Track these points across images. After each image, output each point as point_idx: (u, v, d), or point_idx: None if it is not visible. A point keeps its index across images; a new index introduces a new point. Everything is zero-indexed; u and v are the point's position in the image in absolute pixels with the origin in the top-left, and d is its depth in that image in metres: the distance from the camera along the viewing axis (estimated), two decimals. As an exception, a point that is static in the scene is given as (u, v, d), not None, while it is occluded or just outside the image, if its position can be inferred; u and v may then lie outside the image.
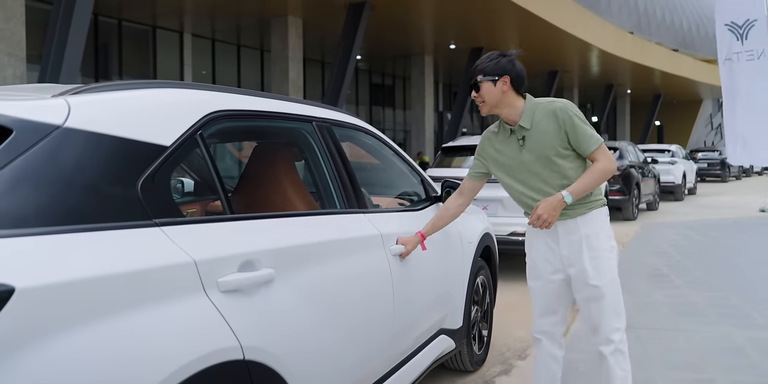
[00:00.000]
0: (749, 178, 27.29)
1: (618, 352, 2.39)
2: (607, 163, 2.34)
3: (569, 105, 2.39)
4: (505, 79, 2.38)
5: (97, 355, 1.22)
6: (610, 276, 2.38)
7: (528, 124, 2.38)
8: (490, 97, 2.40)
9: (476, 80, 2.40)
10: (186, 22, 15.13)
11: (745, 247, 7.85)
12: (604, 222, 2.43)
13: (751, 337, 3.89)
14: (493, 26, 16.40)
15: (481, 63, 2.41)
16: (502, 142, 2.48)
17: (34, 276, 1.15)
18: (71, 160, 1.35)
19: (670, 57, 26.81)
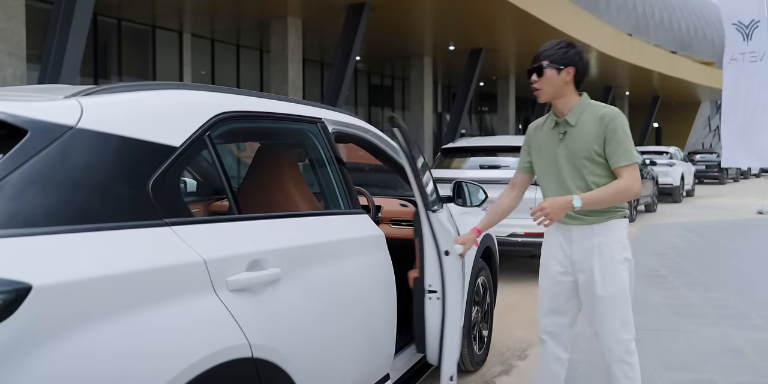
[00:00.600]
0: (747, 180, 27.37)
1: (622, 363, 2.36)
2: (631, 182, 2.28)
3: (620, 115, 2.36)
4: (569, 69, 2.35)
5: (111, 351, 1.24)
6: (618, 287, 2.34)
7: (573, 121, 2.37)
8: (550, 86, 2.37)
9: (541, 65, 2.36)
10: (185, 22, 15.13)
11: (743, 248, 7.89)
12: (621, 233, 2.38)
13: (750, 337, 3.92)
14: (492, 28, 16.42)
15: (549, 49, 2.37)
16: (545, 132, 2.48)
17: (50, 274, 1.18)
18: (84, 161, 1.37)
19: (669, 59, 26.87)
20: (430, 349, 2.47)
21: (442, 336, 2.41)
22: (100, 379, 1.22)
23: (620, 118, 2.34)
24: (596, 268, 2.35)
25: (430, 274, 2.38)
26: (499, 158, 6.78)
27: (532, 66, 2.39)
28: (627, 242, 2.41)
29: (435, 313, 2.41)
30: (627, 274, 2.36)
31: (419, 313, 2.44)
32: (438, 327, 2.42)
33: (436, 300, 2.40)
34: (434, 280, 2.39)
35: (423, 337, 2.46)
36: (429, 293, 2.40)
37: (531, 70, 2.40)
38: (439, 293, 2.39)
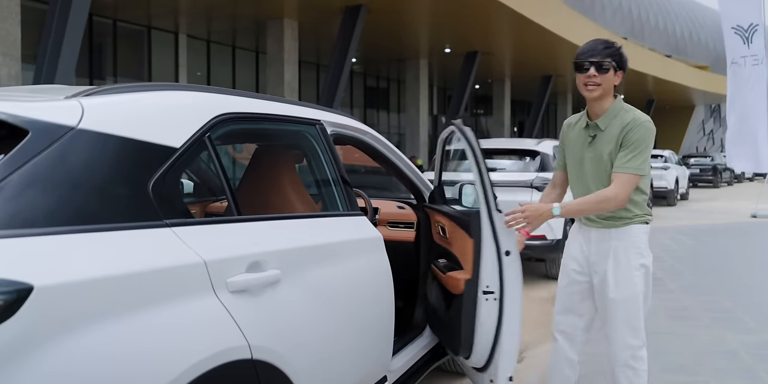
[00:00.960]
0: (741, 183, 27.48)
1: (627, 368, 2.35)
2: (616, 191, 2.25)
3: (645, 123, 2.32)
4: (620, 74, 2.36)
5: (111, 353, 1.24)
6: (630, 292, 2.32)
7: (604, 125, 2.36)
8: (607, 83, 2.33)
9: (604, 62, 2.30)
10: (181, 23, 15.12)
11: (737, 252, 7.93)
12: (639, 239, 2.36)
13: (744, 341, 3.93)
14: (488, 30, 16.47)
15: (612, 49, 2.33)
16: (576, 132, 2.48)
17: (52, 275, 1.17)
18: (85, 161, 1.37)
19: (663, 63, 27.02)
20: (477, 352, 2.40)
21: (497, 337, 2.35)
22: (101, 380, 1.22)
23: (645, 126, 2.30)
24: (610, 271, 2.35)
25: (488, 275, 2.33)
26: (496, 161, 6.79)
27: (592, 60, 2.31)
28: (646, 248, 2.38)
29: (491, 315, 2.34)
30: (641, 280, 2.35)
31: (469, 315, 2.37)
32: (493, 328, 2.35)
33: (493, 301, 2.34)
34: (492, 281, 2.33)
35: (471, 339, 2.39)
36: (485, 294, 2.33)
37: (590, 63, 2.32)
38: (496, 294, 2.33)
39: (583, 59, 2.34)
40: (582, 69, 2.34)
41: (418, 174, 3.04)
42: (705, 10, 40.12)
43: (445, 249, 2.79)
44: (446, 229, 2.71)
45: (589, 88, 2.34)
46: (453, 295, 2.54)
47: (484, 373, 2.47)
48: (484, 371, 2.46)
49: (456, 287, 2.46)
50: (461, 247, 2.53)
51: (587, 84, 2.33)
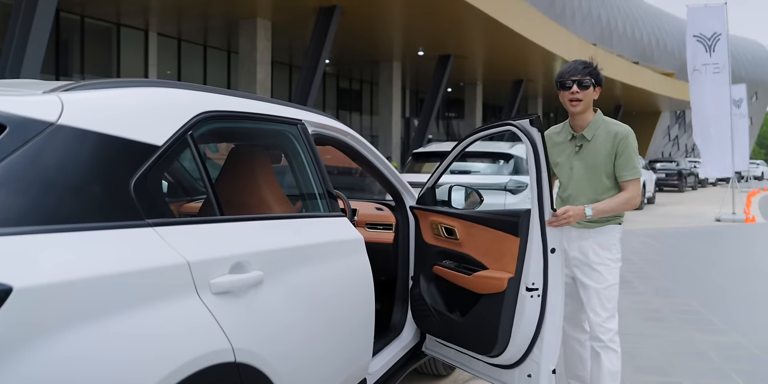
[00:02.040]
0: (704, 188, 28.17)
1: (609, 350, 2.58)
2: (634, 194, 2.59)
3: (631, 133, 2.64)
4: (598, 89, 2.66)
5: (93, 356, 1.19)
6: (609, 281, 2.61)
7: (590, 136, 2.64)
8: (587, 100, 2.63)
9: (586, 80, 2.60)
10: (152, 20, 14.88)
11: (703, 255, 8.11)
12: (614, 237, 2.66)
13: (713, 341, 4.02)
14: (461, 34, 16.59)
15: (591, 69, 2.63)
16: (560, 143, 2.74)
17: (31, 276, 1.12)
18: (65, 158, 1.32)
19: (631, 69, 27.55)
20: (512, 349, 2.42)
21: (537, 332, 2.39)
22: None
23: (632, 136, 2.63)
24: (592, 264, 2.63)
25: (534, 272, 2.35)
26: (469, 163, 6.82)
27: (573, 78, 2.61)
28: (619, 246, 2.69)
29: (533, 311, 2.37)
30: (617, 272, 2.65)
31: (509, 313, 2.39)
32: (533, 324, 2.38)
33: (536, 297, 2.38)
34: (537, 278, 2.36)
35: (508, 337, 2.41)
36: (529, 291, 2.36)
37: (572, 82, 2.61)
38: (539, 291, 2.37)
39: (566, 78, 2.64)
40: (565, 87, 2.64)
41: (397, 176, 3.02)
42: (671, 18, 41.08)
43: (449, 250, 2.77)
44: (457, 230, 2.70)
45: (573, 103, 2.63)
46: (476, 295, 2.55)
47: (515, 369, 2.48)
48: (516, 367, 2.48)
49: (493, 287, 2.46)
50: (489, 246, 2.55)
51: (571, 100, 2.63)
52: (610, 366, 2.56)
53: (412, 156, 7.16)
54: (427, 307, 2.83)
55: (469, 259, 2.65)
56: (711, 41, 12.41)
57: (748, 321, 4.57)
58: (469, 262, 2.65)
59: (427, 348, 3.01)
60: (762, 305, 5.11)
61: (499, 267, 2.48)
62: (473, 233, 2.64)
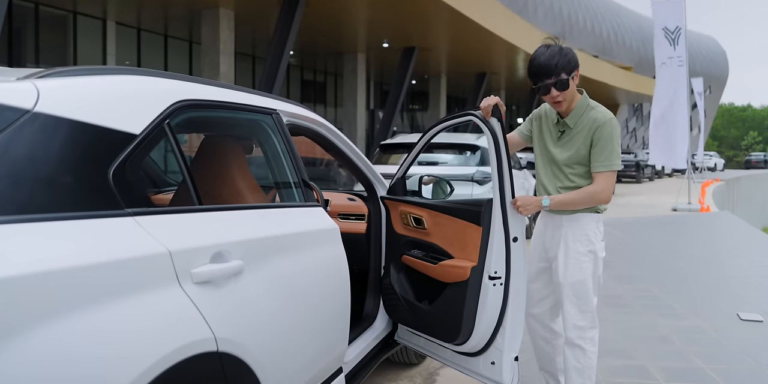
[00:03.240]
0: (661, 179, 28.96)
1: (575, 346, 2.49)
2: (601, 189, 2.37)
3: (611, 121, 2.41)
4: (576, 72, 2.39)
5: (75, 349, 1.18)
6: (578, 277, 2.45)
7: (573, 123, 2.45)
8: (570, 95, 2.41)
9: (563, 79, 2.36)
10: (110, 9, 14.47)
11: (661, 242, 8.36)
12: (589, 227, 2.46)
13: (674, 325, 4.16)
14: (425, 26, 16.61)
15: (556, 60, 2.34)
16: (546, 125, 2.57)
17: (8, 267, 1.10)
18: (41, 147, 1.29)
19: (591, 62, 28.02)
20: (476, 337, 2.44)
21: (501, 321, 2.39)
22: (63, 379, 1.15)
23: (611, 124, 2.39)
24: (561, 257, 2.49)
25: (496, 260, 2.36)
26: (437, 155, 6.87)
27: (551, 80, 2.36)
28: (595, 235, 2.46)
29: (496, 300, 2.38)
30: (589, 265, 2.46)
31: (472, 302, 2.40)
32: (497, 313, 2.39)
33: (499, 286, 2.37)
34: (499, 267, 2.36)
35: (471, 325, 2.42)
36: (492, 280, 2.37)
37: (548, 85, 2.37)
38: (502, 279, 2.37)
39: (541, 83, 2.38)
40: (543, 92, 2.40)
41: (370, 166, 3.04)
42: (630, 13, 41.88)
43: (418, 239, 2.80)
44: (425, 219, 2.72)
45: (557, 105, 2.43)
46: (443, 284, 2.56)
47: (479, 356, 2.51)
48: (480, 355, 2.51)
49: (457, 275, 2.47)
50: (454, 236, 2.55)
51: (554, 102, 2.42)
52: (574, 362, 2.49)
53: (379, 147, 7.17)
54: (397, 297, 2.86)
55: (437, 248, 2.67)
56: (674, 35, 12.73)
57: (706, 305, 4.74)
58: (437, 252, 2.67)
59: (399, 337, 3.04)
60: (718, 290, 5.31)
61: (464, 256, 2.51)
62: (440, 223, 2.66)
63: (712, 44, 53.50)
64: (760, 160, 46.11)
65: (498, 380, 2.46)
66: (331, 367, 2.30)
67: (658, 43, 12.74)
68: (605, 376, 3.21)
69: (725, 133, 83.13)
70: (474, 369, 2.57)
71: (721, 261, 6.99)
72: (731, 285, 5.52)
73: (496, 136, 2.38)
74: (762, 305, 4.70)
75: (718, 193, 18.42)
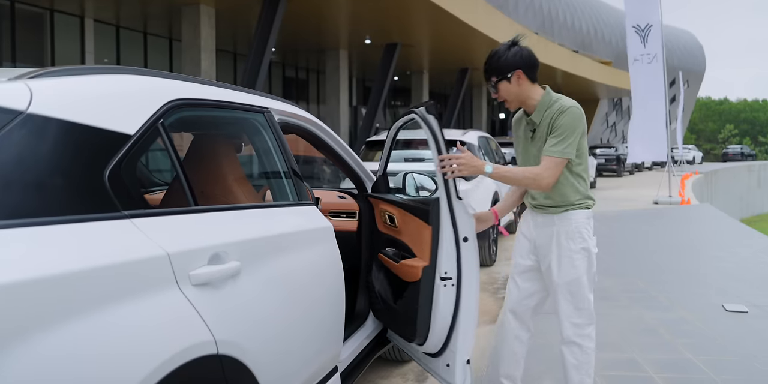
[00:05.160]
0: (641, 173, 29.28)
1: (572, 344, 2.50)
2: (542, 172, 2.33)
3: (572, 109, 2.37)
4: (518, 73, 2.39)
5: (74, 354, 1.15)
6: (572, 275, 2.43)
7: (537, 119, 2.43)
8: (511, 95, 2.42)
9: (492, 82, 2.41)
10: (87, 6, 14.25)
11: (644, 235, 8.46)
12: (581, 224, 2.44)
13: (661, 318, 4.21)
14: (407, 23, 16.59)
15: (490, 64, 2.41)
16: (521, 128, 2.57)
17: (10, 272, 1.07)
18: (36, 148, 1.27)
19: (571, 58, 28.23)
20: (433, 338, 2.41)
21: (454, 322, 2.36)
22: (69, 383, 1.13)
23: (571, 112, 2.36)
24: (554, 255, 2.46)
25: (446, 261, 2.32)
26: (422, 151, 6.88)
27: (489, 83, 2.44)
28: (587, 232, 2.45)
29: (448, 300, 2.34)
30: (583, 263, 2.44)
31: (427, 302, 2.37)
32: (450, 314, 2.35)
33: (450, 287, 2.34)
34: (450, 267, 2.33)
35: (427, 326, 2.39)
36: (443, 280, 2.33)
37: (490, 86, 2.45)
38: (453, 280, 2.33)
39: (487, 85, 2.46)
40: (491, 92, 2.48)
41: (360, 164, 3.03)
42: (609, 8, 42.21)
43: (393, 237, 2.79)
44: (396, 217, 2.71)
45: (506, 104, 2.48)
46: (406, 283, 2.55)
47: (439, 357, 2.50)
48: (439, 356, 2.49)
49: (412, 275, 2.46)
50: (415, 234, 2.53)
51: (500, 102, 2.46)
52: (572, 360, 2.49)
53: (365, 144, 7.16)
54: (375, 295, 2.87)
55: (405, 246, 2.65)
56: (644, 32, 12.92)
57: (691, 297, 4.80)
58: (407, 250, 2.65)
59: (390, 334, 3.04)
60: (702, 282, 5.38)
61: (420, 255, 2.49)
62: (406, 221, 2.65)
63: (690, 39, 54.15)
64: (737, 152, 46.84)
65: (452, 383, 2.43)
66: (327, 367, 2.29)
67: (630, 40, 12.96)
68: (597, 370, 3.23)
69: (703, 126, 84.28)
70: (435, 370, 2.56)
71: (704, 253, 7.09)
72: (715, 276, 5.60)
73: (434, 132, 2.34)
74: (745, 296, 4.78)
75: (698, 186, 18.67)
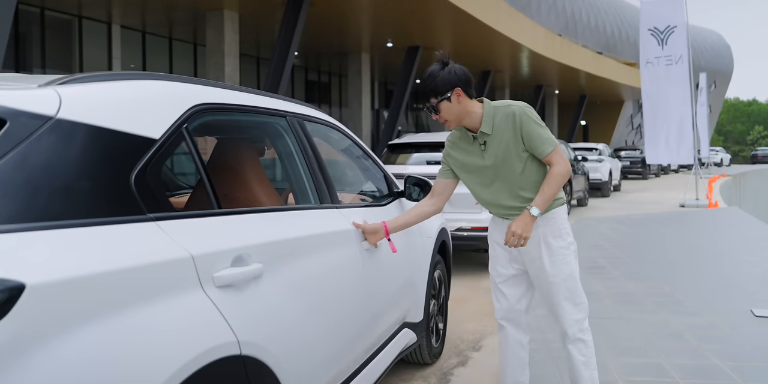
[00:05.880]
0: (667, 175, 28.87)
1: (578, 341, 2.52)
2: (563, 165, 2.38)
3: (525, 108, 2.40)
4: (457, 91, 2.36)
5: (102, 355, 1.18)
6: (566, 272, 2.47)
7: (489, 129, 2.40)
8: (452, 114, 2.39)
9: (431, 105, 2.37)
10: (114, 13, 14.52)
11: (670, 239, 8.33)
12: (562, 220, 2.50)
13: (687, 323, 4.15)
14: (429, 25, 16.60)
15: (425, 84, 2.36)
16: (464, 148, 2.51)
17: (43, 272, 1.11)
18: (66, 153, 1.30)
19: (595, 59, 27.96)
20: None
21: None
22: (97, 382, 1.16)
23: (528, 111, 2.39)
24: (545, 257, 2.47)
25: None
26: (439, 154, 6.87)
27: (425, 106, 2.40)
28: (568, 227, 2.52)
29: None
30: (573, 258, 2.50)
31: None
32: None
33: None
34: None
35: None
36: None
37: (428, 109, 2.40)
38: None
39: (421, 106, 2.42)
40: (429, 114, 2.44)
41: (383, 167, 3.05)
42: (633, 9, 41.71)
43: None
44: None
45: (446, 124, 2.44)
46: None
47: None
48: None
49: None
50: None
51: (442, 123, 2.43)
52: (580, 357, 2.51)
53: (387, 147, 7.17)
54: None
55: None
56: (664, 34, 12.79)
57: (719, 302, 4.72)
58: None
59: None
60: (730, 286, 5.29)
61: None
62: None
63: (717, 39, 53.27)
64: (767, 154, 45.88)
65: None
66: (350, 368, 2.30)
67: (644, 43, 12.86)
68: (621, 375, 3.20)
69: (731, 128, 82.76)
70: None
71: (732, 257, 6.96)
72: (743, 281, 5.49)
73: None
74: (775, 301, 4.68)
75: (726, 189, 18.35)
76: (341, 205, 2.46)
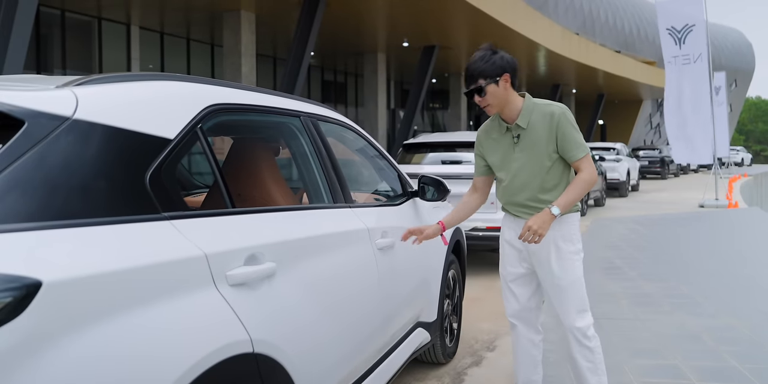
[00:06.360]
0: (686, 175, 28.52)
1: (583, 347, 2.50)
2: (591, 172, 2.42)
3: (565, 110, 2.43)
4: (505, 77, 2.39)
5: (116, 351, 1.20)
6: (573, 276, 2.47)
7: (525, 123, 2.43)
8: (496, 98, 2.40)
9: (480, 85, 2.37)
10: (133, 14, 14.68)
11: (689, 240, 8.24)
12: (574, 226, 2.51)
13: (705, 324, 4.10)
14: (445, 25, 16.57)
15: (477, 66, 2.38)
16: (496, 139, 2.54)
17: (59, 270, 1.13)
18: (83, 153, 1.32)
19: (613, 58, 27.70)
20: None
21: None
22: (111, 379, 1.18)
23: (567, 114, 2.43)
24: (553, 260, 2.48)
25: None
26: (459, 154, 6.85)
27: (471, 87, 2.40)
28: (579, 234, 2.54)
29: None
30: (580, 264, 2.51)
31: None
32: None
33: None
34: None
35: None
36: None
37: (471, 91, 2.41)
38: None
39: (466, 89, 2.42)
40: (469, 97, 2.43)
41: (397, 167, 3.05)
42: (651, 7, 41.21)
43: None
44: None
45: (486, 109, 2.44)
46: None
47: None
48: None
49: None
50: None
51: (483, 107, 2.43)
52: (585, 363, 2.49)
53: (402, 147, 7.17)
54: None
55: None
56: (681, 33, 12.67)
57: (738, 304, 4.66)
58: None
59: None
60: (750, 288, 5.21)
61: None
62: None
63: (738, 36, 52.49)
64: (789, 154, 45.10)
65: None
66: (363, 367, 2.31)
67: (664, 43, 12.76)
68: (637, 376, 3.18)
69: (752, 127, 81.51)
70: None
71: (752, 258, 6.86)
72: (763, 282, 5.42)
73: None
74: (796, 303, 4.61)
75: (746, 189, 18.09)
76: (355, 204, 2.47)
